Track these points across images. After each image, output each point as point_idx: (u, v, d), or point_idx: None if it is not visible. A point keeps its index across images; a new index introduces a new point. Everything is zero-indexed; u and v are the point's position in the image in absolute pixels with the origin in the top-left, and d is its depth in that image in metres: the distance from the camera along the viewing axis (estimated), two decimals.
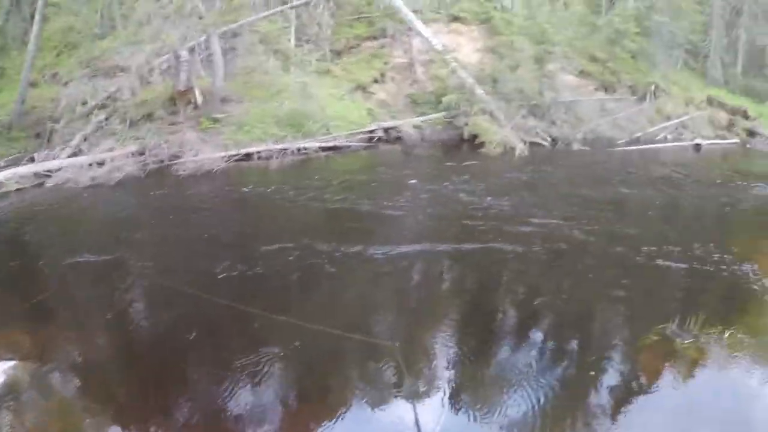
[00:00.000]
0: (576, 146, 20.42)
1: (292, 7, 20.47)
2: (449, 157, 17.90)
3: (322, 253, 9.79)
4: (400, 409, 6.08)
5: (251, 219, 12.74)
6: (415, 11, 21.28)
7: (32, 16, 19.87)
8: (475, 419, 5.91)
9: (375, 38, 21.84)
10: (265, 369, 6.58)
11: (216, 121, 16.89)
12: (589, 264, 9.92)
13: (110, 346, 7.84)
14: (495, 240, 10.45)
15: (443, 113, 19.53)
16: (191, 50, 17.55)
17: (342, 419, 5.95)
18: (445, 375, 6.61)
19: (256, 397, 6.27)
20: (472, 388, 6.46)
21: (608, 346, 7.35)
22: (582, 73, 24.74)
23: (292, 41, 20.34)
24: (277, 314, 7.58)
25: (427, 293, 9.10)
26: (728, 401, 6.33)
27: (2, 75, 19.01)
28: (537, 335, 7.67)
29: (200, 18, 17.22)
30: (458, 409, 6.08)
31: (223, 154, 15.85)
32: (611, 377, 6.61)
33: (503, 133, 18.71)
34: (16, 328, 8.36)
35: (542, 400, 6.09)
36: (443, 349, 7.13)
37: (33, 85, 19.07)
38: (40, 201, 14.63)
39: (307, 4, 20.57)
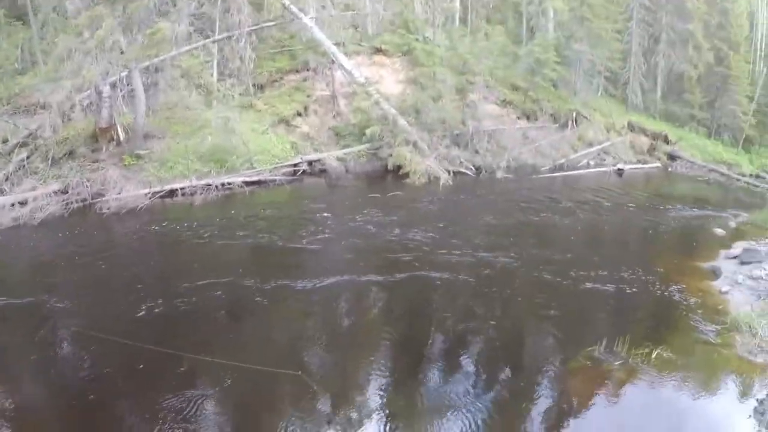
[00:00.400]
0: (500, 174, 21.54)
1: (214, 41, 20.91)
2: (374, 188, 18.51)
3: (246, 289, 10.37)
4: None
5: (175, 257, 13.08)
6: (337, 44, 22.06)
7: None
8: None
9: (297, 71, 22.54)
10: (193, 410, 6.96)
11: (139, 157, 17.27)
12: (516, 290, 10.71)
13: (39, 390, 8.15)
14: (421, 269, 11.21)
15: (367, 145, 20.24)
16: (113, 86, 17.87)
17: None
18: (376, 406, 7.10)
19: None
20: (404, 418, 6.94)
21: (539, 371, 7.91)
22: (504, 102, 26.05)
23: (215, 75, 20.83)
24: (203, 354, 7.90)
25: (354, 323, 9.70)
26: (659, 421, 6.83)
27: None
28: (467, 361, 8.22)
29: (121, 52, 17.53)
30: None
31: (146, 191, 16.32)
32: (542, 403, 7.16)
33: (427, 163, 19.57)
34: None
35: (473, 428, 6.62)
36: (374, 379, 7.65)
37: None
38: None
39: (229, 38, 21.02)
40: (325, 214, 15.21)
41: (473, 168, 21.50)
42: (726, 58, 34.43)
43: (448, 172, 19.79)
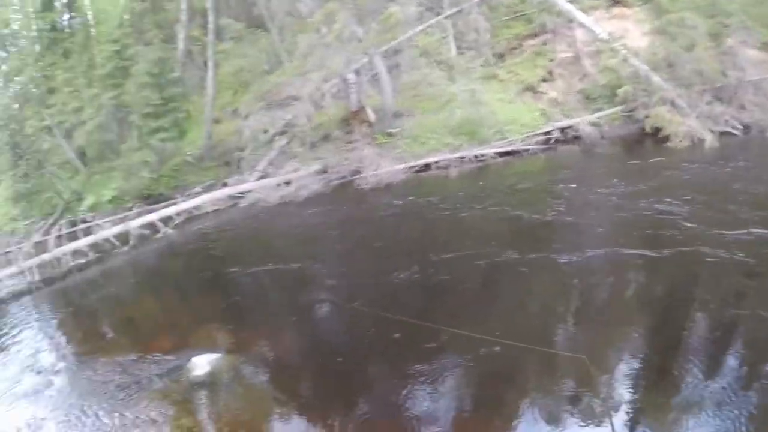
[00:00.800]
0: None
1: (446, 17, 20.74)
2: (632, 154, 16.92)
3: (500, 261, 9.71)
4: (576, 427, 5.79)
5: (430, 229, 12.78)
6: (571, 1, 20.75)
7: (205, 64, 22.19)
8: None
9: (536, 35, 21.34)
10: (441, 379, 6.73)
11: (390, 135, 17.62)
12: None
13: (296, 347, 8.64)
14: (686, 245, 9.26)
15: (620, 107, 18.64)
16: (357, 72, 18.52)
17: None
18: (629, 394, 6.14)
19: (430, 404, 6.41)
20: (655, 411, 5.89)
21: None
22: (765, 45, 22.74)
23: (453, 50, 20.62)
24: (457, 327, 7.56)
25: (610, 302, 8.43)
26: None
27: (188, 117, 21.10)
28: (732, 355, 6.63)
29: (359, 41, 18.04)
30: None
31: (402, 166, 16.51)
32: None
33: (688, 123, 17.48)
34: (216, 326, 9.52)
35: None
36: (630, 365, 6.67)
37: (216, 121, 21.17)
38: (235, 219, 16.25)
39: (459, 12, 20.69)
40: (580, 184, 13.87)
41: (740, 126, 18.85)
42: None
43: (713, 132, 17.51)
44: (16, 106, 28.44)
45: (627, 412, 5.85)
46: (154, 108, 18.84)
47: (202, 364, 7.83)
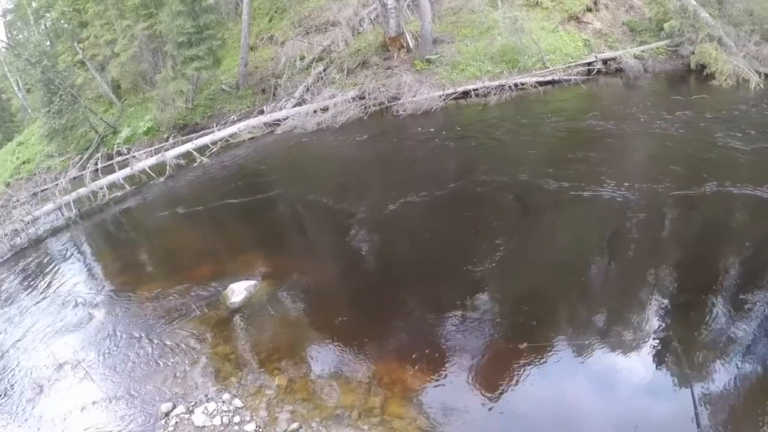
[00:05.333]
0: None
1: None
2: (676, 90, 16.35)
3: (534, 190, 9.68)
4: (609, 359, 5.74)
5: (466, 155, 12.65)
6: None
7: None
8: None
9: None
10: (475, 308, 6.81)
11: (429, 62, 17.27)
12: None
13: (331, 273, 8.66)
14: (727, 185, 8.89)
15: (665, 41, 18.02)
16: None
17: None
18: (652, 329, 6.08)
19: (462, 334, 6.42)
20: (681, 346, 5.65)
21: None
22: None
23: None
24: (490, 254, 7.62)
25: (643, 238, 8.09)
26: None
27: (223, 45, 20.93)
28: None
29: None
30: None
31: (440, 93, 16.20)
32: None
33: (734, 62, 16.90)
34: (253, 253, 9.61)
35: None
36: (655, 301, 6.54)
37: (252, 49, 20.98)
38: (271, 146, 16.20)
39: None
40: (619, 118, 13.45)
41: None
42: None
43: (759, 74, 16.92)
44: (48, 42, 28.72)
45: (654, 345, 5.86)
46: (188, 37, 18.60)
47: (239, 290, 7.96)
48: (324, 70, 18.15)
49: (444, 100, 16.06)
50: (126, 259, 11.21)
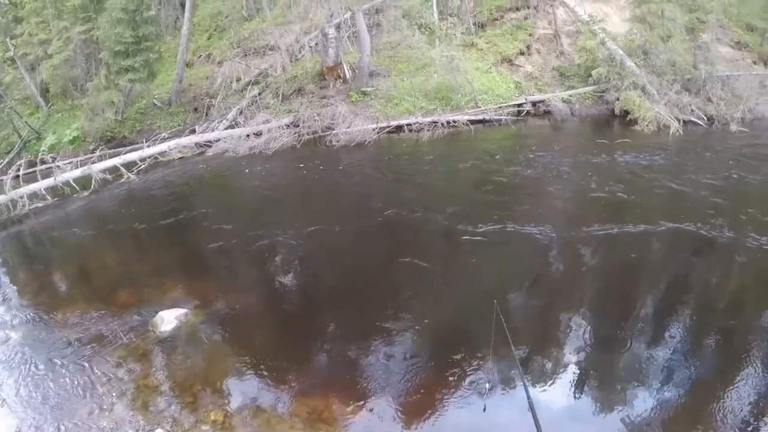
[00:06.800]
0: (734, 127, 19.02)
1: None
2: (600, 133, 17.15)
3: (451, 228, 9.90)
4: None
5: (399, 191, 12.77)
6: None
7: (182, 5, 21.52)
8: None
9: (518, 9, 21.48)
10: (397, 337, 6.96)
11: (365, 94, 17.44)
12: (742, 258, 8.83)
13: (261, 301, 8.56)
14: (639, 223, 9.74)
15: (592, 87, 18.88)
16: (338, 27, 18.14)
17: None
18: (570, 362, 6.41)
19: (382, 363, 6.55)
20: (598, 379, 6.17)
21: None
22: (738, 45, 23.26)
23: (435, 15, 20.49)
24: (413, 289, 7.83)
25: (558, 276, 8.46)
26: None
27: (159, 59, 20.47)
28: (675, 331, 6.93)
29: None
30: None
31: (374, 126, 16.35)
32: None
33: (656, 109, 17.88)
34: (181, 278, 9.35)
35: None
36: (571, 335, 6.89)
37: (188, 65, 20.60)
38: (201, 168, 15.88)
39: None
40: (545, 157, 14.15)
41: (705, 117, 19.34)
42: None
43: (678, 120, 17.94)
44: None
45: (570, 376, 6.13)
46: (126, 46, 18.02)
47: (169, 318, 7.70)
48: (259, 94, 18.03)
49: (377, 133, 16.23)
50: (46, 277, 10.55)
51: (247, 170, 15.00)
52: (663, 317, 7.23)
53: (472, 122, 16.97)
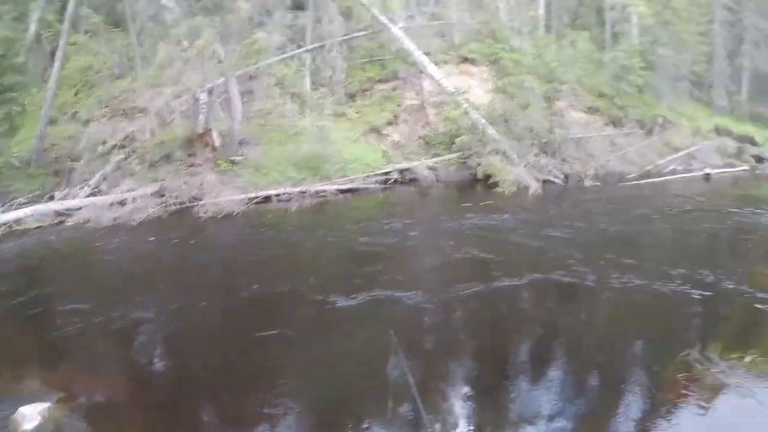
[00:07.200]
0: (588, 182, 21.09)
1: (307, 51, 21.24)
2: (464, 197, 18.41)
3: (323, 301, 9.86)
4: None
5: (265, 265, 12.75)
6: (425, 53, 22.08)
7: (53, 54, 20.69)
8: None
9: (387, 81, 22.59)
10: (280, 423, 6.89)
11: (234, 163, 17.56)
12: (601, 299, 10.19)
13: (131, 387, 8.13)
14: (508, 277, 10.67)
15: (456, 154, 20.16)
16: (209, 92, 18.19)
17: None
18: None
19: None
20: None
21: (631, 380, 7.34)
22: (590, 110, 25.71)
23: (307, 85, 21.08)
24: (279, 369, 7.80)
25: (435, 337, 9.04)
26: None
27: (22, 112, 19.52)
28: (553, 373, 7.61)
29: (219, 62, 17.93)
30: None
31: (243, 196, 16.45)
32: (636, 411, 6.65)
33: (516, 172, 19.32)
34: (42, 366, 8.74)
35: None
36: (453, 391, 7.20)
37: (52, 122, 19.68)
38: (60, 240, 15.14)
39: (321, 47, 21.33)
40: (411, 222, 15.00)
41: (561, 176, 21.19)
42: None
43: (537, 180, 19.53)
44: None
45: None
46: None
47: (31, 414, 7.00)
48: (125, 159, 17.70)
49: (246, 204, 16.31)
50: None
51: (108, 242, 14.65)
52: (540, 359, 7.94)
53: (341, 191, 17.59)
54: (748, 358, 7.64)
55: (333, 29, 21.46)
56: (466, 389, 7.23)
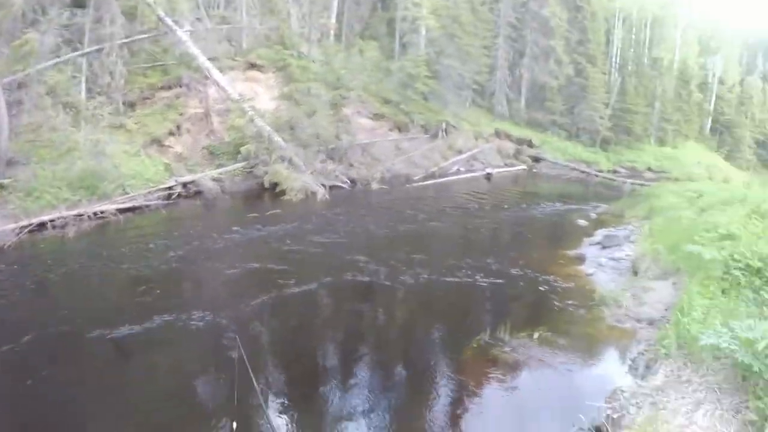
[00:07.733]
0: (375, 186, 22.78)
1: (83, 54, 20.07)
2: (252, 207, 18.69)
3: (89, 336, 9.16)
4: None
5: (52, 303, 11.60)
6: (211, 59, 22.13)
7: None
8: None
9: (170, 88, 22.15)
10: None
11: (1, 187, 16.02)
12: (399, 294, 11.43)
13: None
14: (309, 282, 11.55)
15: (242, 164, 20.59)
16: None
17: None
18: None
19: None
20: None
21: (433, 365, 8.44)
22: (377, 116, 27.51)
23: (83, 93, 19.91)
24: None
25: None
26: (551, 391, 7.70)
27: None
28: (361, 367, 8.43)
29: None
30: None
31: (13, 225, 14.86)
32: (442, 392, 7.62)
33: (303, 179, 20.26)
34: None
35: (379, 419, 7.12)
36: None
37: None
38: None
39: (99, 51, 20.23)
40: (201, 239, 14.84)
41: (348, 181, 22.56)
42: (584, 70, 38.83)
43: (324, 186, 20.61)
44: None
45: None
46: None
47: None
48: None
49: (18, 234, 14.68)
50: None
51: None
52: (347, 360, 8.63)
53: (122, 211, 16.89)
54: (536, 335, 9.12)
55: (114, 31, 20.35)
56: (280, 401, 7.39)
